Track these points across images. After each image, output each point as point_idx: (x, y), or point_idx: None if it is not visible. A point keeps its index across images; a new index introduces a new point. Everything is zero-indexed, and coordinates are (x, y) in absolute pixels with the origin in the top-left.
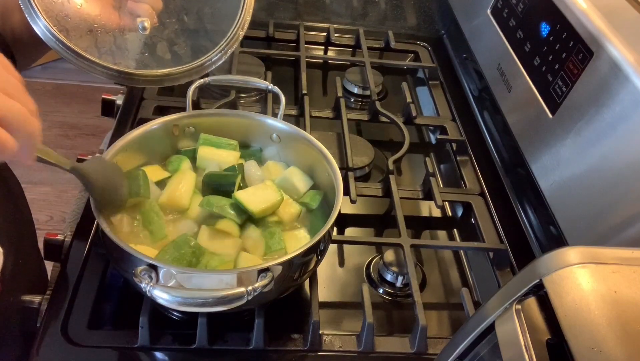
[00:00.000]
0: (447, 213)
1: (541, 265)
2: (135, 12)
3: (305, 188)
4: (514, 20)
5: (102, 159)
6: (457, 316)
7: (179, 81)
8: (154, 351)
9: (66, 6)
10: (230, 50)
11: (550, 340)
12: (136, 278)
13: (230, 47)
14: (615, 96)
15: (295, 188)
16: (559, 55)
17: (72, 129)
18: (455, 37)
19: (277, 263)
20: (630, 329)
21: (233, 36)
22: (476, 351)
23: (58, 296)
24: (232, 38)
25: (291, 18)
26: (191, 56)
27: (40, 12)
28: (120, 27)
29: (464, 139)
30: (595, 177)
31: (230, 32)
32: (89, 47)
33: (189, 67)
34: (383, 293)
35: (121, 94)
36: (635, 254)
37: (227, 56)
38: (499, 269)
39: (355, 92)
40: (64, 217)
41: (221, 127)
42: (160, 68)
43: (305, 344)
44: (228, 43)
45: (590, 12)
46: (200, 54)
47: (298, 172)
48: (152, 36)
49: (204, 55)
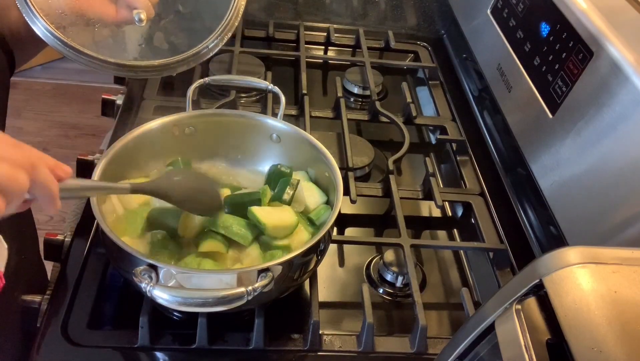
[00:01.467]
0: (447, 213)
1: (541, 265)
2: (132, 5)
3: (316, 205)
4: (514, 20)
5: (186, 171)
6: (457, 316)
7: (177, 70)
8: (154, 351)
9: (62, 3)
10: (227, 36)
11: (550, 340)
12: (136, 278)
13: (227, 34)
14: (615, 96)
15: (304, 203)
16: (559, 56)
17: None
18: (455, 37)
19: (277, 263)
20: (630, 329)
21: (229, 22)
22: (476, 351)
23: (58, 296)
24: (227, 24)
25: (291, 18)
26: (188, 45)
27: (37, 11)
28: (117, 21)
29: (464, 139)
30: (595, 177)
31: (225, 17)
32: (87, 42)
33: (186, 56)
34: (383, 293)
35: (121, 94)
36: (635, 254)
37: (223, 42)
38: (499, 269)
39: (355, 92)
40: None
41: (221, 127)
42: (158, 58)
43: (305, 344)
44: (224, 29)
45: (590, 12)
46: (197, 42)
47: (312, 187)
48: (149, 27)
49: (200, 43)
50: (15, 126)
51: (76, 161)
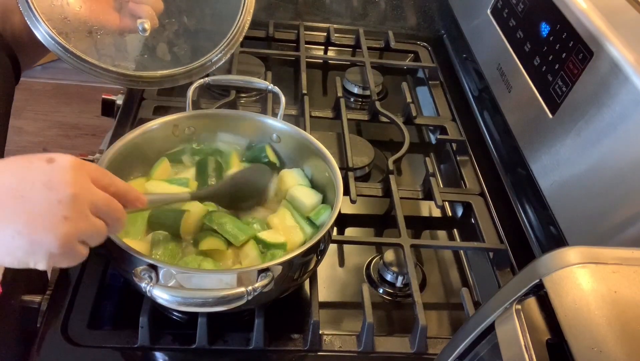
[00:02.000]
0: (447, 213)
1: (541, 265)
2: (136, 14)
3: (314, 204)
4: (514, 20)
5: (235, 174)
6: (457, 316)
7: (179, 82)
8: (154, 351)
9: (66, 9)
10: (231, 51)
11: (550, 340)
12: (136, 278)
13: (231, 48)
14: (615, 96)
15: (304, 205)
16: (559, 55)
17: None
18: (455, 37)
19: (277, 263)
20: (630, 329)
21: (233, 37)
22: (476, 351)
23: (58, 296)
24: (232, 39)
25: (291, 18)
26: (191, 57)
27: (40, 16)
28: (120, 29)
29: (464, 139)
30: (595, 177)
31: (230, 32)
32: (89, 50)
33: (189, 68)
34: (383, 293)
35: (121, 94)
36: (635, 254)
37: (227, 57)
38: (499, 269)
39: (355, 92)
40: None
41: (221, 127)
42: (160, 69)
43: (305, 344)
44: (228, 44)
45: (590, 12)
46: (200, 55)
47: (305, 189)
48: (152, 37)
49: (204, 56)
50: (15, 126)
51: None
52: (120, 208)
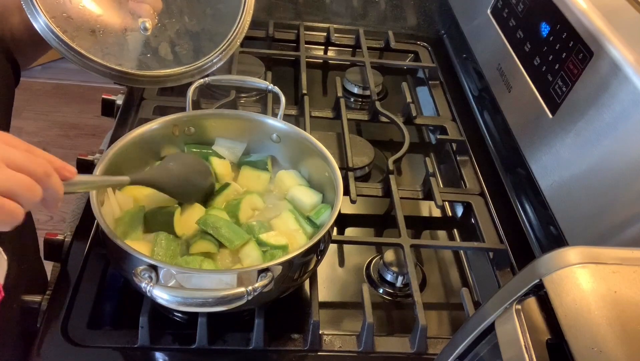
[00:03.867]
0: (447, 213)
1: (541, 265)
2: (137, 13)
3: (314, 204)
4: (514, 20)
5: (179, 155)
6: (457, 316)
7: (180, 81)
8: (154, 351)
9: (68, 6)
10: (231, 51)
11: (550, 340)
12: (136, 278)
13: (231, 49)
14: (615, 96)
15: (304, 205)
16: (559, 55)
17: (72, 129)
18: (455, 37)
19: (277, 263)
20: (630, 329)
21: (234, 38)
22: (476, 351)
23: (58, 296)
24: (232, 39)
25: (291, 18)
26: (192, 57)
27: (41, 9)
28: (122, 28)
29: (464, 139)
30: (595, 177)
31: (230, 33)
32: (91, 47)
33: (189, 68)
34: (383, 293)
35: (121, 94)
36: (635, 254)
37: (227, 57)
38: (499, 269)
39: (355, 92)
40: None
41: (221, 127)
42: (161, 69)
43: (305, 344)
44: (229, 44)
45: (590, 12)
46: (201, 55)
47: (305, 189)
48: (154, 37)
49: (205, 56)
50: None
51: (76, 161)
52: (44, 163)
